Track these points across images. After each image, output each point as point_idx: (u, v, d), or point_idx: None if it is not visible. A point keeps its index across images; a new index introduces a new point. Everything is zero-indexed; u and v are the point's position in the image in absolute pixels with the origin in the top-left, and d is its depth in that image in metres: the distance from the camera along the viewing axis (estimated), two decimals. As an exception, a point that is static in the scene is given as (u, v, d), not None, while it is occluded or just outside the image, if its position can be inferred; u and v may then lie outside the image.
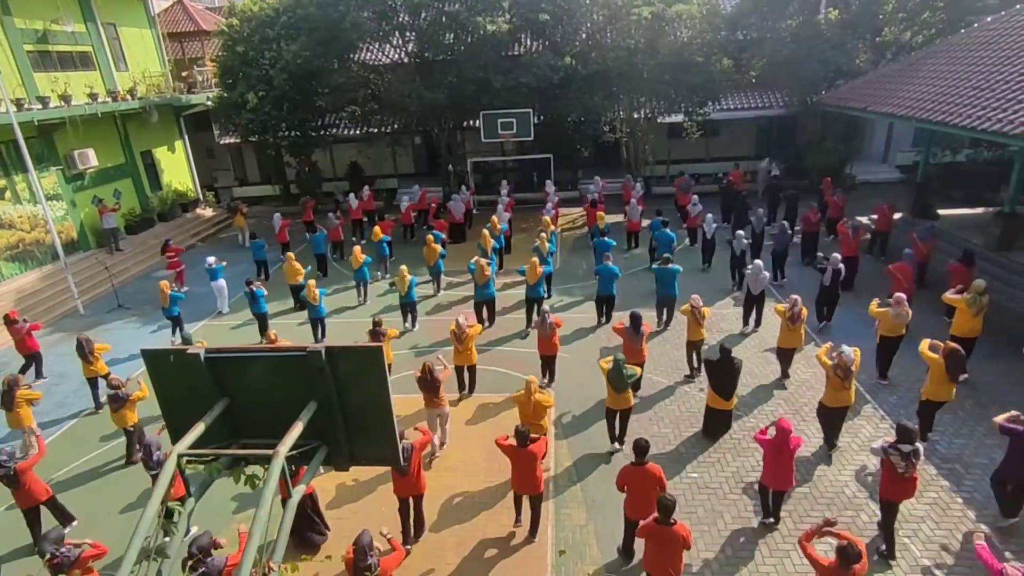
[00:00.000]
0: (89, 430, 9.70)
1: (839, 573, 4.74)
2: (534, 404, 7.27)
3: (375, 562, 5.13)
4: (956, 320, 9.05)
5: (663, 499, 5.22)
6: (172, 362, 3.86)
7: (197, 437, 3.58)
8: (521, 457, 6.44)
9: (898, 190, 18.18)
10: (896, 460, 5.85)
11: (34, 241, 15.49)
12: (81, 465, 8.79)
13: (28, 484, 6.91)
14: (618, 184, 19.45)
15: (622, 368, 7.53)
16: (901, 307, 8.71)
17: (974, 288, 8.82)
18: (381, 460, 4.24)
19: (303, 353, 3.64)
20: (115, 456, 8.87)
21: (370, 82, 20.32)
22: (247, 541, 3.01)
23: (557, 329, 9.42)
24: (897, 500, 6.17)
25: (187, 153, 22.63)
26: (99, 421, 9.85)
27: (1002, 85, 11.59)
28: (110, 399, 8.20)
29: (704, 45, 18.30)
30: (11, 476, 6.79)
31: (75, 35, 17.09)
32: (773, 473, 6.45)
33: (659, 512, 5.23)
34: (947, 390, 7.47)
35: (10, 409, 8.54)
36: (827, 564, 4.88)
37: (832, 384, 7.45)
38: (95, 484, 8.39)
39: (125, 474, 8.52)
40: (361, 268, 13.35)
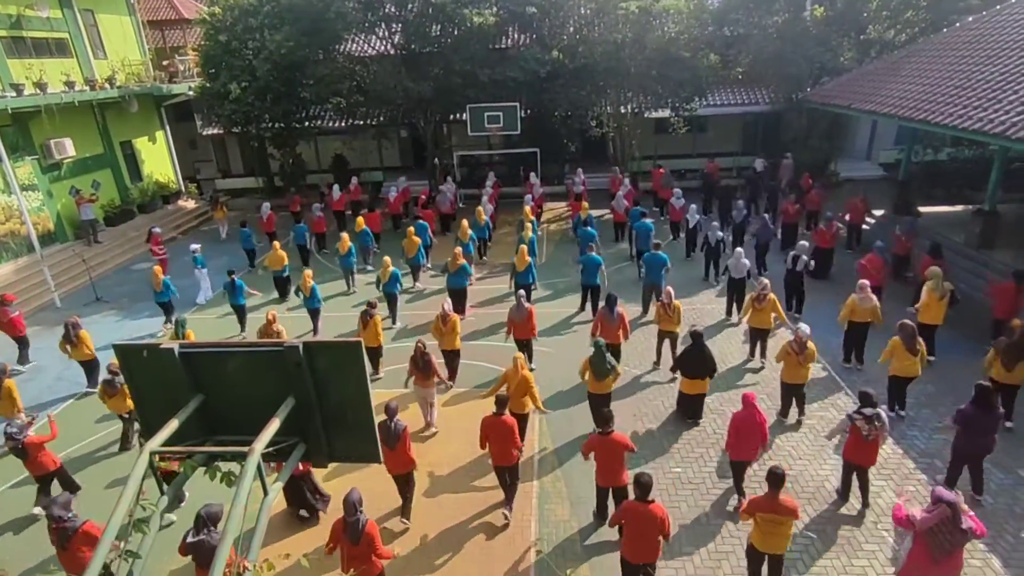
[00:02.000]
0: (70, 418, 9.54)
1: (771, 500, 5.24)
2: (520, 379, 7.44)
3: (363, 518, 5.36)
4: (922, 308, 9.39)
5: (640, 477, 5.28)
6: (145, 357, 3.77)
7: (171, 434, 3.50)
8: (496, 426, 6.65)
9: (881, 187, 18.38)
10: (861, 424, 6.27)
11: (8, 232, 15.10)
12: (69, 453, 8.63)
13: (38, 456, 7.22)
14: (605, 179, 19.49)
15: (604, 353, 7.64)
16: (864, 292, 9.05)
17: (934, 274, 9.21)
18: (361, 456, 4.17)
19: (280, 349, 3.58)
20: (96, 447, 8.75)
21: (355, 74, 20.07)
22: (221, 539, 2.96)
23: (532, 314, 9.61)
24: (860, 464, 6.60)
25: (168, 144, 22.22)
26: (81, 409, 9.84)
27: (983, 85, 11.73)
28: (105, 384, 8.24)
29: (691, 40, 18.32)
30: (20, 449, 7.08)
31: (51, 21, 16.67)
32: (740, 445, 6.70)
33: (637, 489, 5.28)
34: (911, 364, 7.85)
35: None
36: (757, 498, 5.39)
37: (789, 361, 7.93)
38: (87, 472, 8.30)
39: (118, 461, 8.46)
40: (348, 256, 13.44)
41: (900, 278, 12.35)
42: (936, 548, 4.79)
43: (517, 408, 7.43)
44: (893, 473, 7.35)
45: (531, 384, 7.53)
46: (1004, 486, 7.06)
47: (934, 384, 8.96)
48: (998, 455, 7.29)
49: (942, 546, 4.76)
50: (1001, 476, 7.20)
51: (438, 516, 7.13)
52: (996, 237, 12.66)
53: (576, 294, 12.62)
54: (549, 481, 7.57)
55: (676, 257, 14.27)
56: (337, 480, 7.62)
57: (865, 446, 6.42)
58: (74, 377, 10.80)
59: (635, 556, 5.44)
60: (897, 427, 8.15)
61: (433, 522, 7.04)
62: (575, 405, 9.05)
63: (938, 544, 4.77)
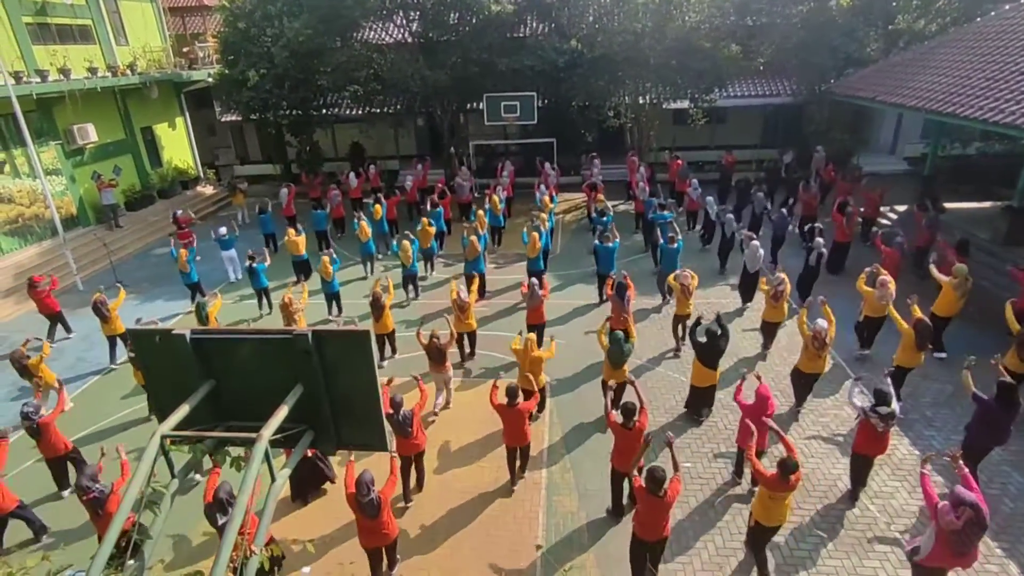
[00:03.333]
0: (95, 396, 9.93)
1: (780, 482, 5.49)
2: (531, 360, 7.75)
3: (376, 497, 5.61)
4: (939, 299, 9.24)
5: (655, 472, 5.33)
6: (158, 342, 3.81)
7: (182, 418, 3.55)
8: (511, 415, 6.93)
9: (905, 182, 17.97)
10: (876, 422, 6.35)
11: (33, 216, 15.43)
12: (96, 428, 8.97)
13: (51, 437, 7.39)
14: (621, 169, 19.35)
15: (622, 343, 7.72)
16: (885, 289, 8.99)
17: (960, 272, 9.01)
18: (368, 444, 4.20)
19: (290, 336, 3.60)
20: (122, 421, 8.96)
21: (372, 62, 20.01)
22: (228, 523, 3.00)
23: (544, 300, 9.77)
24: (872, 455, 6.69)
25: (188, 130, 22.45)
26: (110, 383, 10.21)
27: (1017, 76, 11.36)
28: (132, 360, 8.62)
29: (712, 30, 17.97)
30: (35, 428, 7.29)
31: (75, 8, 16.86)
32: (749, 433, 6.54)
33: (648, 483, 5.36)
34: (916, 357, 8.00)
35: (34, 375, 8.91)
36: (770, 475, 5.59)
37: (808, 353, 7.98)
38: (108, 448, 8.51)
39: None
40: (368, 242, 13.63)
41: (918, 272, 12.09)
42: (960, 545, 4.87)
43: (528, 384, 7.73)
44: (908, 474, 7.22)
45: (542, 364, 7.93)
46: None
47: (953, 384, 8.77)
48: (1018, 457, 7.15)
49: (966, 544, 4.86)
50: (1021, 480, 7.04)
51: (444, 500, 7.20)
52: (1021, 233, 12.32)
53: (588, 284, 12.62)
54: (558, 472, 7.58)
55: (692, 248, 14.18)
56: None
57: (877, 439, 6.48)
58: (95, 358, 11.09)
59: (646, 533, 5.64)
60: (914, 426, 8.02)
61: (439, 507, 7.11)
62: (586, 396, 9.05)
63: (962, 542, 4.85)
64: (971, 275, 9.11)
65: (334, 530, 6.77)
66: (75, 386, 10.25)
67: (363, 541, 5.86)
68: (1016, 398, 6.37)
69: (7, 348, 11.74)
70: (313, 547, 5.81)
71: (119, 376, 10.45)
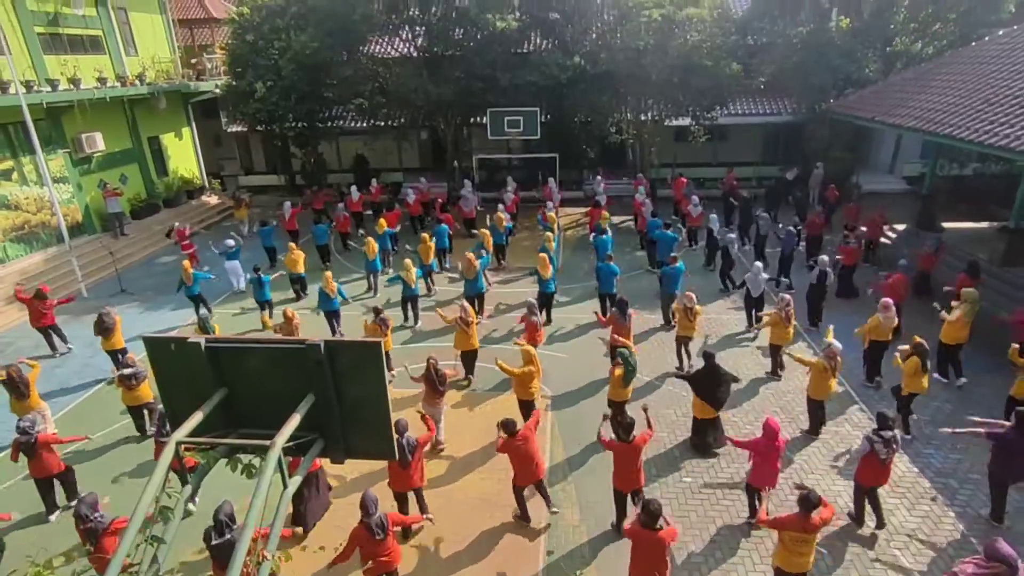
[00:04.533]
0: (100, 403, 9.94)
1: (803, 521, 5.19)
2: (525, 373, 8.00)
3: (382, 515, 5.57)
4: (947, 328, 9.15)
5: (650, 505, 5.22)
6: (172, 350, 3.89)
7: (196, 425, 3.62)
8: (516, 447, 6.61)
9: (904, 201, 18.15)
10: (879, 448, 6.21)
11: (39, 223, 15.55)
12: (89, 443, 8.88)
13: (44, 456, 7.14)
14: (622, 184, 19.58)
15: (630, 360, 7.89)
16: (888, 312, 9.00)
17: (970, 298, 9.04)
18: (376, 454, 4.25)
19: (302, 346, 3.67)
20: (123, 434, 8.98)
21: (378, 75, 20.32)
22: (243, 529, 3.06)
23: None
24: (875, 485, 6.54)
25: (194, 140, 22.67)
26: (106, 397, 10.10)
27: (1011, 100, 11.55)
28: (128, 378, 8.36)
29: (714, 49, 18.21)
30: (31, 445, 7.02)
31: (86, 18, 17.12)
32: (761, 473, 6.54)
33: (644, 515, 5.22)
34: (922, 382, 7.91)
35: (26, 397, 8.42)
36: (788, 517, 5.32)
37: (819, 377, 7.88)
38: (106, 458, 8.56)
39: (137, 449, 8.72)
40: (375, 259, 13.66)
41: (923, 295, 12.13)
42: None
43: (525, 395, 8.05)
44: (908, 492, 7.27)
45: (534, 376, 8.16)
46: (1021, 508, 6.95)
47: (952, 403, 8.85)
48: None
49: None
50: (1019, 498, 7.08)
51: (447, 511, 7.21)
52: (1021, 254, 12.44)
53: (591, 301, 12.72)
54: (559, 486, 7.62)
55: (694, 266, 14.26)
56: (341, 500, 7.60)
57: (880, 469, 6.39)
58: (101, 364, 11.12)
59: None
60: (913, 445, 8.07)
61: (442, 518, 7.09)
62: (586, 411, 9.11)
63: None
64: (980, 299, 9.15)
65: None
66: (80, 393, 10.30)
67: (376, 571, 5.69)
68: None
69: (13, 354, 11.81)
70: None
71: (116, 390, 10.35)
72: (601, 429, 6.72)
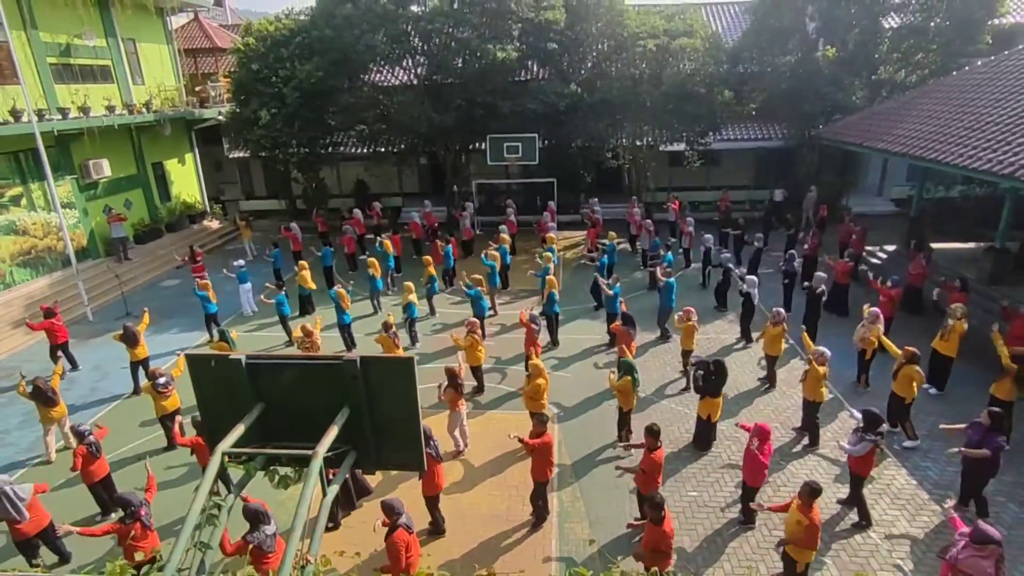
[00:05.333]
0: (112, 424, 9.89)
1: (807, 508, 5.63)
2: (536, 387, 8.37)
3: (407, 516, 5.78)
4: (942, 341, 9.68)
5: (653, 498, 5.74)
6: (213, 367, 4.10)
7: (238, 437, 3.82)
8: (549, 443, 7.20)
9: (892, 223, 18.67)
10: (881, 444, 6.90)
11: (46, 248, 15.73)
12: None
13: (100, 458, 7.62)
14: (618, 208, 20.06)
15: (635, 370, 8.38)
16: (877, 322, 9.66)
17: (961, 311, 9.55)
18: (406, 465, 4.46)
19: (339, 362, 3.89)
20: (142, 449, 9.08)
21: (379, 103, 20.82)
22: (290, 534, 3.25)
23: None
24: (867, 475, 7.14)
25: (197, 166, 23.02)
26: (127, 411, 10.42)
27: (992, 126, 12.07)
28: (164, 386, 8.64)
29: (706, 77, 18.86)
30: (98, 446, 7.51)
31: (96, 49, 17.55)
32: (751, 469, 7.02)
33: (651, 511, 5.68)
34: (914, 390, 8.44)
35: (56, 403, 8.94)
36: (788, 503, 5.91)
37: (815, 375, 8.30)
38: (128, 472, 8.73)
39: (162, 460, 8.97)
40: (378, 279, 14.08)
41: (914, 311, 12.58)
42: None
43: (536, 408, 8.40)
44: (907, 503, 7.48)
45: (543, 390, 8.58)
46: (1021, 519, 7.17)
47: (946, 416, 9.08)
48: (1015, 489, 7.44)
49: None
50: (1016, 509, 7.31)
51: (458, 526, 7.36)
52: (1006, 273, 12.87)
53: (591, 320, 13.20)
54: (568, 500, 7.78)
55: (691, 286, 14.69)
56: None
57: (871, 461, 7.00)
58: (108, 388, 11.25)
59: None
60: (911, 458, 8.31)
61: (453, 532, 7.28)
62: (591, 425, 9.36)
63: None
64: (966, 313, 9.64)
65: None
66: (90, 414, 10.39)
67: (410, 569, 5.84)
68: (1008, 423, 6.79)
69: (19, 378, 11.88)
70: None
71: (138, 403, 10.58)
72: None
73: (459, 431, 8.78)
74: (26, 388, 8.77)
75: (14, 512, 6.47)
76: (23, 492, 6.58)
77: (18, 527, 6.57)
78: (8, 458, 9.28)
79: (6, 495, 6.42)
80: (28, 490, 6.66)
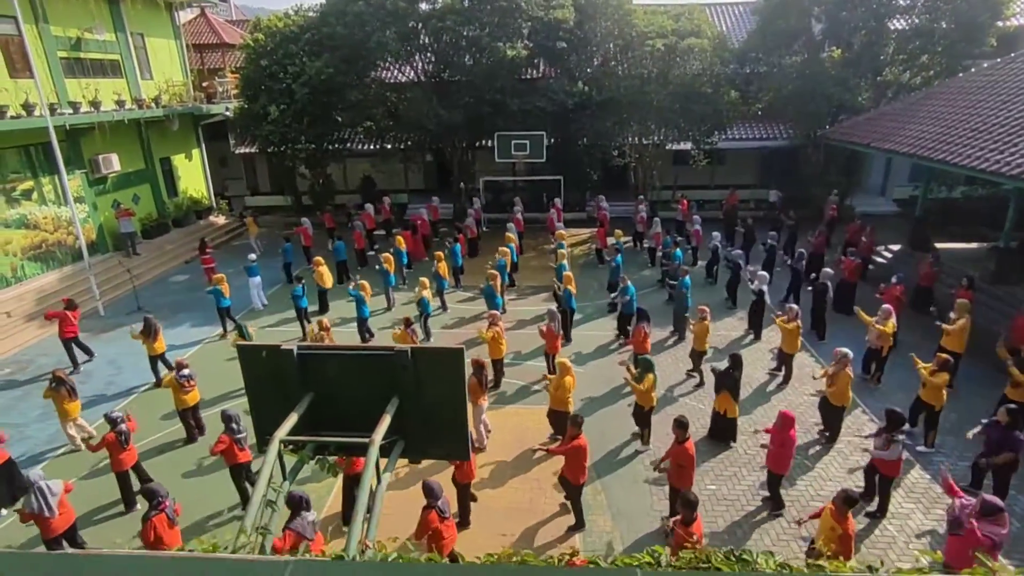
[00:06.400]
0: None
1: (841, 517, 5.61)
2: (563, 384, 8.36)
3: (444, 502, 6.01)
4: (949, 338, 9.93)
5: (687, 495, 5.80)
6: (264, 357, 4.19)
7: (292, 426, 3.92)
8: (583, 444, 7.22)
9: (895, 223, 18.83)
10: (903, 440, 7.02)
11: (56, 242, 15.76)
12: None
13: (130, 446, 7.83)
14: (625, 206, 20.22)
15: (653, 365, 8.57)
16: (890, 317, 9.99)
17: (966, 308, 9.88)
18: (451, 455, 4.59)
19: (390, 353, 3.99)
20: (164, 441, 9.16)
21: (387, 100, 20.87)
22: (352, 521, 3.36)
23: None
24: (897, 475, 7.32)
25: (203, 161, 23.03)
26: (146, 403, 10.48)
27: (999, 128, 12.24)
28: (187, 378, 8.83)
29: (713, 77, 19.01)
30: (128, 434, 7.67)
31: (105, 44, 17.55)
32: (775, 457, 7.20)
33: (682, 509, 5.76)
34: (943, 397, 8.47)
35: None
36: (822, 509, 5.87)
37: (844, 379, 8.40)
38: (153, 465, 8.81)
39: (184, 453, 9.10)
40: (391, 275, 14.22)
41: (923, 310, 12.73)
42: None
43: (562, 406, 8.42)
44: (922, 496, 7.64)
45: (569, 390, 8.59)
46: (1030, 512, 7.34)
47: (957, 413, 9.25)
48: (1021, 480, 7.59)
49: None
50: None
51: (483, 519, 7.48)
52: (1011, 273, 13.05)
53: (601, 318, 13.38)
54: (590, 493, 7.89)
55: (695, 283, 14.82)
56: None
57: (900, 461, 7.14)
58: (124, 382, 11.31)
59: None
60: (926, 455, 8.46)
61: (478, 525, 7.39)
62: (608, 421, 9.49)
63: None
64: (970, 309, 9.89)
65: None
66: (108, 408, 10.37)
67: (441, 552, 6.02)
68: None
69: (34, 371, 11.95)
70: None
71: (156, 397, 10.65)
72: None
73: (481, 424, 8.88)
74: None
75: (44, 507, 6.50)
76: (55, 487, 6.63)
77: (49, 523, 6.58)
78: (28, 451, 9.32)
79: (39, 489, 6.47)
80: (59, 486, 6.71)
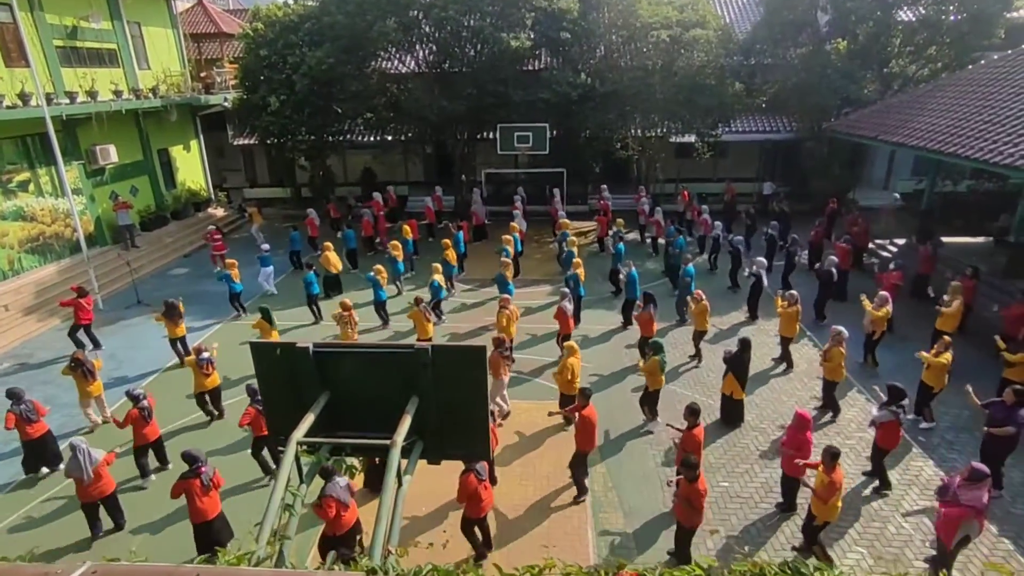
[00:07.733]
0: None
1: (828, 469, 6.14)
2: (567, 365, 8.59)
3: (482, 465, 6.41)
4: (943, 319, 10.30)
5: (688, 459, 6.10)
6: (278, 355, 4.05)
7: (310, 427, 3.78)
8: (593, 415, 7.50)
9: (899, 216, 18.74)
10: (901, 416, 7.29)
11: (54, 234, 15.53)
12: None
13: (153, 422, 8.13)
14: (627, 199, 20.15)
15: (662, 348, 8.71)
16: (887, 304, 10.27)
17: (958, 291, 10.42)
18: (472, 455, 4.47)
19: (409, 351, 3.85)
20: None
21: (388, 90, 20.60)
22: (376, 524, 3.23)
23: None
24: (892, 448, 7.55)
25: (202, 153, 22.76)
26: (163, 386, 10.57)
27: (1012, 121, 12.09)
28: (207, 362, 9.04)
29: (718, 69, 18.83)
30: (150, 409, 7.97)
31: (102, 32, 17.25)
32: (791, 460, 7.12)
33: (684, 469, 6.07)
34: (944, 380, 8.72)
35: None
36: (815, 463, 6.38)
37: (834, 358, 8.76)
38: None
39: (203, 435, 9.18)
40: (400, 262, 14.49)
41: (922, 298, 12.77)
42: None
43: (569, 390, 8.56)
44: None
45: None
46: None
47: (970, 408, 9.13)
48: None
49: None
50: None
51: (494, 515, 7.35)
52: (1022, 267, 12.96)
53: (606, 309, 13.40)
54: (600, 489, 7.81)
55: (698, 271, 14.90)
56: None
57: (898, 434, 7.43)
58: (124, 375, 11.16)
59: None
60: (937, 449, 8.41)
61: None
62: (616, 412, 9.42)
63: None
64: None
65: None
66: (111, 401, 10.25)
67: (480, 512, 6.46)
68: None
69: (36, 364, 11.79)
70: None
71: (172, 379, 10.84)
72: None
73: (500, 397, 9.20)
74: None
75: (81, 469, 6.81)
76: (95, 454, 6.97)
77: (84, 487, 6.92)
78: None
79: (79, 449, 6.82)
80: (99, 456, 7.03)
